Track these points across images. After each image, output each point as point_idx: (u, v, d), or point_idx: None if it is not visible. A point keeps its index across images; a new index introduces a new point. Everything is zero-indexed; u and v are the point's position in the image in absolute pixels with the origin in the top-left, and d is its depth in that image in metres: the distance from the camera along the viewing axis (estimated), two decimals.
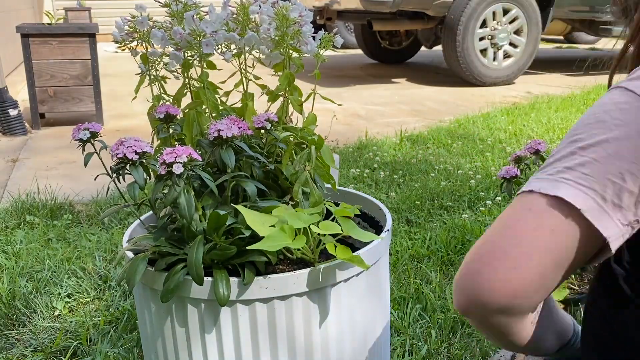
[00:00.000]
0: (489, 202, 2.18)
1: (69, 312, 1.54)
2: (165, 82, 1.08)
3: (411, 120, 3.77)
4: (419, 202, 2.19)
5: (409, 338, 1.37)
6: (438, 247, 1.83)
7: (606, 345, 0.65)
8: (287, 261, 0.95)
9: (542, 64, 6.37)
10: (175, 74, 1.04)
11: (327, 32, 1.05)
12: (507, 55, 5.05)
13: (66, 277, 1.67)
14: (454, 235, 1.89)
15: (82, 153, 0.92)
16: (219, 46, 1.01)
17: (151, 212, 1.09)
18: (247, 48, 1.04)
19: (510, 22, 4.95)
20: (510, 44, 5.02)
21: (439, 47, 5.41)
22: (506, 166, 1.52)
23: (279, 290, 0.85)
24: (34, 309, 1.52)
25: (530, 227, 0.53)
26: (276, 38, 0.99)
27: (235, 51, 1.04)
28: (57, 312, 1.52)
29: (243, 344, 0.87)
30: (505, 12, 4.91)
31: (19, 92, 4.50)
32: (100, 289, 1.63)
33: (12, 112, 3.41)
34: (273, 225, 0.85)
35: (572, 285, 1.51)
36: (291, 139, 1.01)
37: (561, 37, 9.12)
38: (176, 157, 0.83)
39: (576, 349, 0.80)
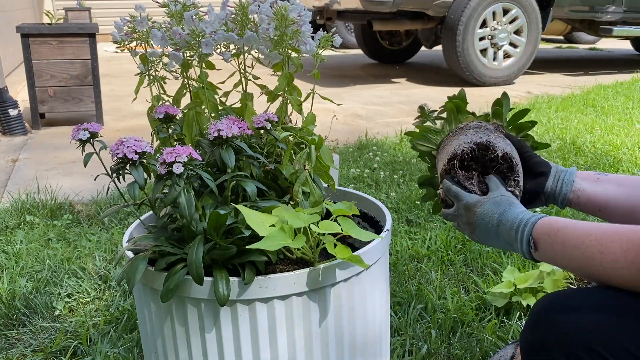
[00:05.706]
0: None
1: (69, 312, 1.54)
2: (165, 83, 1.08)
3: (411, 120, 3.76)
4: (419, 202, 2.19)
5: (409, 338, 1.37)
6: (438, 247, 1.83)
7: None
8: (287, 261, 0.95)
9: (542, 64, 6.37)
10: (175, 74, 1.04)
11: (326, 32, 1.05)
12: (507, 55, 5.05)
13: (66, 277, 1.67)
14: (454, 235, 1.89)
15: (82, 153, 0.92)
16: (218, 46, 1.01)
17: (151, 212, 1.09)
18: (246, 48, 1.04)
19: (510, 22, 4.95)
20: (510, 44, 5.02)
21: (439, 47, 5.41)
22: None
23: (279, 290, 0.85)
24: (34, 309, 1.52)
25: None
26: (275, 38, 0.99)
27: (234, 51, 1.04)
28: (57, 312, 1.52)
29: (243, 343, 0.87)
30: (505, 12, 4.91)
31: (19, 92, 4.50)
32: (100, 289, 1.63)
33: (12, 112, 3.41)
34: (273, 225, 0.85)
35: (571, 285, 1.51)
36: (290, 138, 1.01)
37: (561, 37, 9.12)
38: (176, 156, 0.83)
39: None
